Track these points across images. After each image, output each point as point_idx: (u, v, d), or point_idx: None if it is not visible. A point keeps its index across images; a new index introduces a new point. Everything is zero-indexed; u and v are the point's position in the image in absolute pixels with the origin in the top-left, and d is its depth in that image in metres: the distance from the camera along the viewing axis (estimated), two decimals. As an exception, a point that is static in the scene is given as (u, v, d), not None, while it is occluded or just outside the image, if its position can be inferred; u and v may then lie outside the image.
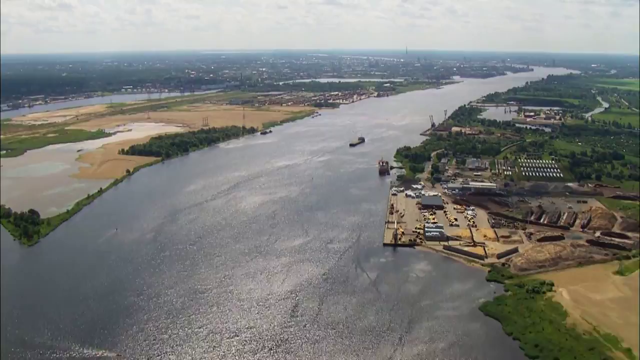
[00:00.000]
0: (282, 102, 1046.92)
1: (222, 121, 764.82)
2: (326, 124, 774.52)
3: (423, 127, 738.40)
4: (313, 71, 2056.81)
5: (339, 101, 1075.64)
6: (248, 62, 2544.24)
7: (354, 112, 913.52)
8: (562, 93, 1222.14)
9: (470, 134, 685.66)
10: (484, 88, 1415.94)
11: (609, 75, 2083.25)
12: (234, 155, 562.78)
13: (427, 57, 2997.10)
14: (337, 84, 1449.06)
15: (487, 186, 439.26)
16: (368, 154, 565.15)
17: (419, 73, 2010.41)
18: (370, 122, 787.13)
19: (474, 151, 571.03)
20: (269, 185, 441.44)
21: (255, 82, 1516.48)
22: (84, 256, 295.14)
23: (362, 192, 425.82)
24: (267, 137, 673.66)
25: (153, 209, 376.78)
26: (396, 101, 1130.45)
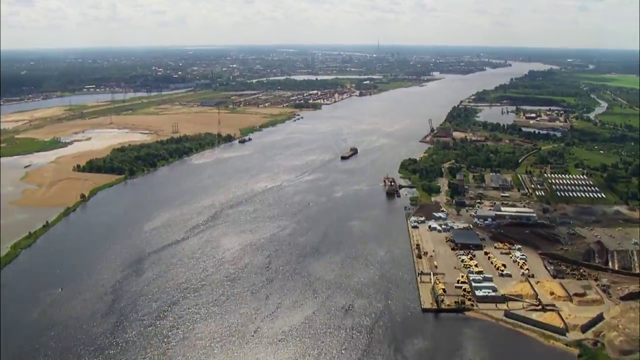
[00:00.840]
0: (258, 102, 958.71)
1: (193, 127, 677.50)
2: (310, 130, 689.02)
3: (419, 133, 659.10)
4: (286, 68, 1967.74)
5: (320, 101, 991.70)
6: (217, 59, 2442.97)
7: (338, 115, 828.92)
8: (555, 91, 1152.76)
9: (476, 140, 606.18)
10: (468, 85, 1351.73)
11: (588, 70, 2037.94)
12: (209, 172, 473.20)
13: (400, 52, 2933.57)
14: (314, 81, 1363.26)
15: (524, 213, 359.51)
16: (365, 170, 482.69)
17: (395, 69, 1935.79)
18: (358, 127, 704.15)
19: (489, 163, 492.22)
20: (253, 217, 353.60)
21: (227, 81, 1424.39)
22: (5, 344, 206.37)
23: (371, 225, 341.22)
24: (246, 147, 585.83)
25: (111, 253, 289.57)
26: (380, 101, 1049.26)
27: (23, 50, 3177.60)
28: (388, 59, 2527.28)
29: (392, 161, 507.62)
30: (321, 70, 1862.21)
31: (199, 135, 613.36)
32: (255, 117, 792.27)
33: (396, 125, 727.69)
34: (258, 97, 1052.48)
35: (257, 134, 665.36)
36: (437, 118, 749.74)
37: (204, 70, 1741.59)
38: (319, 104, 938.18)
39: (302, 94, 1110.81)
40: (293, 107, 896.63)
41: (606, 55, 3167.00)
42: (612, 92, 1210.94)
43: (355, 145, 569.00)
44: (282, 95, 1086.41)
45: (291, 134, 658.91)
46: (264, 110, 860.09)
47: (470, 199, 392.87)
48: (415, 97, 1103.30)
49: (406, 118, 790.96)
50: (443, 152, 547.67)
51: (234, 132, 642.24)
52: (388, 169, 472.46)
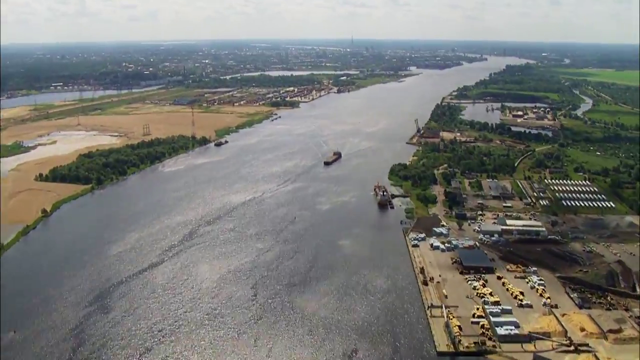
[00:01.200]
0: (233, 101, 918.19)
1: (166, 128, 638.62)
2: (289, 131, 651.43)
3: (404, 133, 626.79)
4: (260, 63, 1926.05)
5: (298, 99, 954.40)
6: (189, 54, 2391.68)
7: (317, 114, 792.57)
8: (536, 86, 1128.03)
9: (466, 141, 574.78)
10: (446, 80, 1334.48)
11: (564, 65, 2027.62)
12: (183, 181, 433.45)
13: (374, 47, 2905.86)
14: (290, 77, 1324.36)
15: (532, 227, 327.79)
16: (351, 177, 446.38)
17: (371, 64, 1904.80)
18: (339, 128, 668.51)
19: (484, 168, 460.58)
20: (233, 236, 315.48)
21: (199, 77, 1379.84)
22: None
23: (365, 245, 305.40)
24: (222, 151, 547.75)
25: (75, 283, 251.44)
26: (359, 98, 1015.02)
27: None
28: (363, 54, 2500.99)
29: (380, 166, 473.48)
30: (296, 66, 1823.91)
31: (172, 138, 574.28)
32: (231, 116, 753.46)
33: (379, 125, 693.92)
34: (233, 94, 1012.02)
35: (234, 135, 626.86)
36: (421, 116, 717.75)
37: (176, 67, 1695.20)
38: (296, 102, 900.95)
39: (279, 91, 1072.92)
40: (270, 106, 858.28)
41: (579, 49, 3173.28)
42: (594, 87, 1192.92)
43: (338, 148, 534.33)
44: (257, 92, 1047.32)
45: (269, 136, 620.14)
46: (239, 109, 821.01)
47: (470, 210, 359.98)
48: (395, 94, 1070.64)
49: (388, 117, 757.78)
50: (433, 154, 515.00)
51: (209, 134, 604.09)
52: (376, 176, 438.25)
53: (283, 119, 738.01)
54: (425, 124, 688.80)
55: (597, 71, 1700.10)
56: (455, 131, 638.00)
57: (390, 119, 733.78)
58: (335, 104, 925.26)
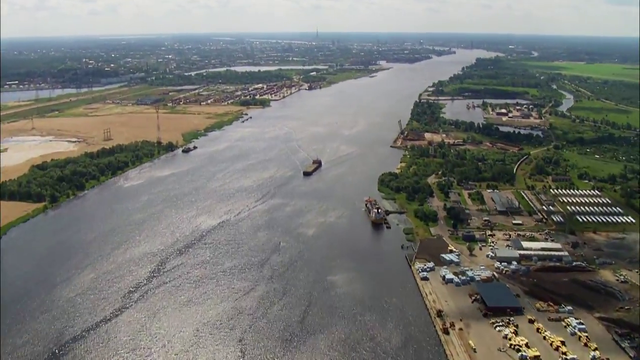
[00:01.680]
0: (200, 99, 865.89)
1: (129, 132, 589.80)
2: (261, 134, 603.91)
3: (386, 135, 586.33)
4: (225, 58, 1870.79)
5: (268, 97, 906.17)
6: (152, 49, 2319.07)
7: (290, 113, 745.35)
8: (513, 81, 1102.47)
9: (454, 144, 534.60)
10: (419, 75, 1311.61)
11: (533, 57, 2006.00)
12: (146, 198, 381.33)
13: (340, 40, 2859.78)
14: (257, 73, 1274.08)
15: (553, 251, 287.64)
16: (335, 191, 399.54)
17: (339, 58, 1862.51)
18: (314, 130, 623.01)
19: (482, 176, 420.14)
20: (206, 272, 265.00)
21: (163, 73, 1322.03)
22: None
23: (364, 280, 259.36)
24: (191, 159, 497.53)
25: (15, 344, 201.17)
26: (332, 95, 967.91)
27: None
28: (329, 47, 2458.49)
29: (366, 175, 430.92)
30: (262, 61, 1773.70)
31: (135, 144, 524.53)
32: (199, 117, 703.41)
33: (357, 126, 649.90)
34: (199, 93, 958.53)
35: (202, 140, 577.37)
36: (400, 115, 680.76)
37: (138, 62, 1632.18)
38: (267, 101, 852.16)
39: (247, 88, 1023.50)
40: (239, 105, 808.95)
41: (545, 41, 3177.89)
42: (570, 81, 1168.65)
43: (317, 155, 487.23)
44: (225, 90, 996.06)
45: (240, 140, 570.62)
46: (207, 109, 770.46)
47: (477, 230, 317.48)
48: (369, 90, 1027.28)
49: (366, 116, 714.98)
50: (422, 160, 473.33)
51: (176, 139, 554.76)
52: (364, 188, 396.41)
53: (254, 120, 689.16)
54: (406, 123, 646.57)
55: (568, 64, 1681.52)
56: (440, 132, 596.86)
57: (368, 119, 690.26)
58: (308, 102, 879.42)
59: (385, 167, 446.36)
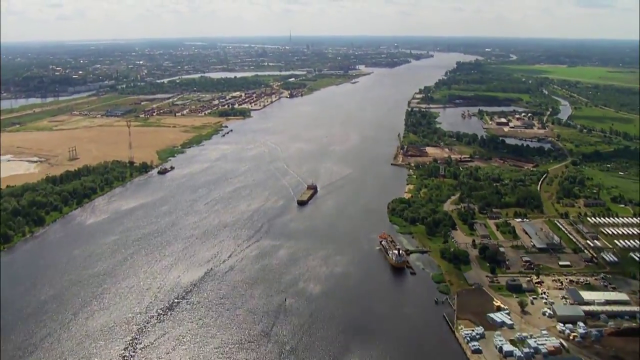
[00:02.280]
0: (175, 110, 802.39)
1: (98, 149, 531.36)
2: (243, 151, 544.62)
3: (383, 151, 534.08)
4: (198, 63, 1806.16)
5: (247, 106, 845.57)
6: (122, 55, 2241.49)
7: (273, 125, 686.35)
8: (504, 87, 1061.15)
9: (462, 161, 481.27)
10: (401, 80, 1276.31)
11: (513, 61, 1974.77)
12: (111, 240, 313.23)
13: (313, 44, 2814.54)
14: (233, 80, 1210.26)
15: (621, 306, 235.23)
16: (338, 226, 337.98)
17: (316, 63, 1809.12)
18: (303, 146, 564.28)
19: (505, 201, 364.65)
20: (191, 356, 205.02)
21: (134, 81, 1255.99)
22: None
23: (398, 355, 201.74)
24: (166, 183, 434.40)
25: None
26: (315, 103, 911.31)
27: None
28: (304, 52, 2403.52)
29: (372, 203, 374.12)
30: (237, 66, 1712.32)
31: (105, 165, 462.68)
32: (174, 131, 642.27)
33: (349, 140, 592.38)
34: (173, 102, 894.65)
35: (180, 158, 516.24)
36: (393, 126, 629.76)
37: (107, 69, 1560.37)
38: (247, 111, 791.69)
39: (224, 96, 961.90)
40: (218, 116, 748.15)
41: (518, 44, 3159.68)
42: (560, 86, 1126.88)
43: (309, 178, 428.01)
44: (201, 98, 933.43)
45: (222, 159, 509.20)
46: (183, 121, 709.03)
47: (520, 274, 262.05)
48: (353, 98, 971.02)
49: (356, 128, 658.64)
50: (431, 181, 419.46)
51: (150, 157, 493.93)
52: (372, 219, 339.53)
53: (235, 134, 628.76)
54: (403, 136, 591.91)
55: (549, 67, 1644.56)
56: (442, 146, 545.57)
57: (359, 131, 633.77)
58: (290, 111, 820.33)
59: (392, 192, 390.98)
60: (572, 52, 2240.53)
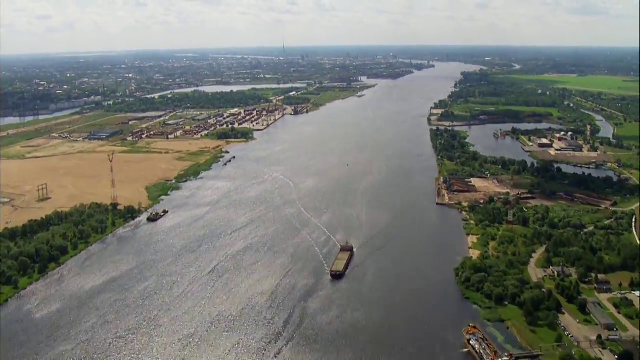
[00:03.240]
0: (167, 131, 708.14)
1: (75, 184, 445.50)
2: (250, 188, 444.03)
3: (418, 186, 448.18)
4: (191, 76, 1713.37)
5: (248, 126, 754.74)
6: (111, 67, 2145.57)
7: (280, 151, 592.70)
8: (527, 100, 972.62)
9: (522, 198, 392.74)
10: (409, 92, 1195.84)
11: (517, 70, 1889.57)
12: (70, 347, 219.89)
13: (307, 54, 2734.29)
14: (230, 94, 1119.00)
15: None
16: (392, 316, 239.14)
17: (314, 74, 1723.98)
18: (321, 182, 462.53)
19: (606, 262, 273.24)
20: None
21: (122, 96, 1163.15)
22: None
23: None
24: (156, 237, 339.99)
25: None
26: (324, 122, 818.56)
27: None
28: (300, 63, 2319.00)
29: (431, 268, 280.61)
30: (232, 79, 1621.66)
31: (81, 209, 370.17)
32: (167, 158, 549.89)
33: (375, 171, 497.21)
34: (165, 121, 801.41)
35: (175, 196, 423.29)
36: (420, 150, 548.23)
37: (95, 83, 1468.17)
38: (248, 131, 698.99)
39: (221, 113, 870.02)
40: (216, 138, 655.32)
41: (516, 52, 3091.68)
42: (583, 98, 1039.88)
43: (338, 229, 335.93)
44: (195, 117, 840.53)
45: (223, 201, 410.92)
46: (177, 145, 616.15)
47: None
48: (365, 114, 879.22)
49: (378, 153, 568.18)
50: (496, 230, 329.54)
51: (139, 197, 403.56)
52: (439, 298, 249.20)
53: (237, 163, 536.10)
54: (437, 163, 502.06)
55: (559, 77, 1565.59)
56: (488, 176, 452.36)
57: (383, 158, 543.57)
58: (297, 132, 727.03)
59: (452, 247, 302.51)
60: (575, 61, 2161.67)
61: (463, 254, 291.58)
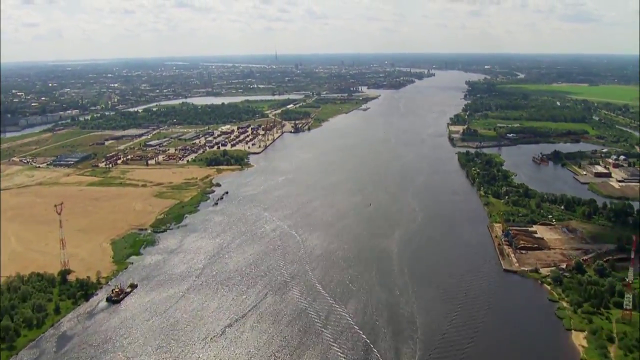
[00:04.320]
0: (147, 156, 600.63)
1: (20, 236, 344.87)
2: (246, 246, 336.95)
3: (465, 237, 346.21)
4: (179, 86, 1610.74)
5: (243, 148, 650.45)
6: (97, 77, 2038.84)
7: (282, 184, 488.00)
8: (553, 115, 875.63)
9: (616, 260, 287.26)
10: (417, 105, 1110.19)
11: (523, 80, 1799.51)
12: None
13: (300, 62, 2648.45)
14: (221, 107, 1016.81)
15: None
16: None
17: (310, 84, 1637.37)
18: (341, 236, 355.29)
19: None
20: None
21: (103, 109, 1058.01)
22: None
23: None
24: (122, 331, 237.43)
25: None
26: (329, 142, 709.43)
27: None
28: (293, 72, 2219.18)
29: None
30: (223, 89, 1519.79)
31: (18, 280, 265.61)
32: (144, 194, 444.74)
33: (407, 220, 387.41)
34: (147, 141, 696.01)
35: (148, 255, 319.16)
36: (453, 182, 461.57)
37: (77, 94, 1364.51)
38: (243, 156, 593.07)
39: (212, 131, 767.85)
40: (205, 165, 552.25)
41: (514, 60, 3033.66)
42: (610, 111, 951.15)
43: (380, 334, 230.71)
44: (182, 135, 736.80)
45: (210, 267, 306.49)
46: (158, 175, 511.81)
47: None
48: (374, 132, 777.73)
49: (403, 187, 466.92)
50: (606, 323, 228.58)
51: (99, 259, 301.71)
52: None
53: (230, 201, 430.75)
54: (480, 201, 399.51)
55: (570, 87, 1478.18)
56: (554, 223, 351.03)
57: (412, 193, 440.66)
58: (300, 156, 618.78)
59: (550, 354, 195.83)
60: (579, 70, 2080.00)
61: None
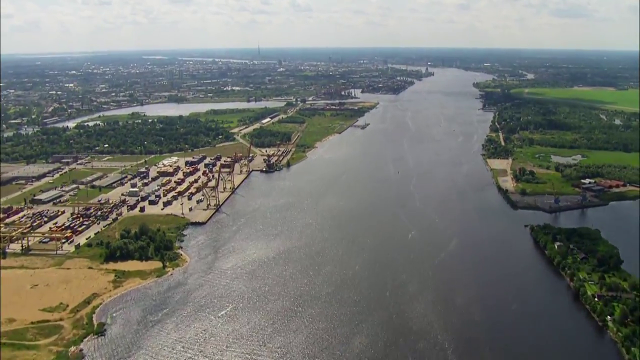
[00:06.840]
0: (11, 235, 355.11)
1: None
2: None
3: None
4: (141, 88, 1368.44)
5: (179, 207, 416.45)
6: (57, 74, 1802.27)
7: (233, 331, 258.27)
8: (615, 141, 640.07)
9: None
10: (426, 118, 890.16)
11: (534, 82, 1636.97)
12: None
13: (283, 57, 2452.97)
14: (177, 123, 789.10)
15: None
16: None
17: (294, 85, 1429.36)
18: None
19: None
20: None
21: (29, 123, 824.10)
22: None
23: None
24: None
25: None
26: (316, 195, 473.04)
27: None
28: (276, 68, 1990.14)
29: None
30: (190, 93, 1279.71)
31: None
32: None
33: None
34: (41, 188, 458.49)
35: None
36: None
37: (22, 95, 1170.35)
38: (172, 236, 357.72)
39: (147, 171, 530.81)
40: (101, 262, 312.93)
41: (508, 56, 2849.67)
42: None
43: None
44: (102, 176, 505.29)
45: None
46: (9, 290, 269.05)
47: None
48: (383, 169, 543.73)
49: (456, 313, 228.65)
50: None
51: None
52: None
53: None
54: None
55: (595, 91, 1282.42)
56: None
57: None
58: (269, 233, 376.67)
59: None
60: (589, 69, 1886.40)
61: None
